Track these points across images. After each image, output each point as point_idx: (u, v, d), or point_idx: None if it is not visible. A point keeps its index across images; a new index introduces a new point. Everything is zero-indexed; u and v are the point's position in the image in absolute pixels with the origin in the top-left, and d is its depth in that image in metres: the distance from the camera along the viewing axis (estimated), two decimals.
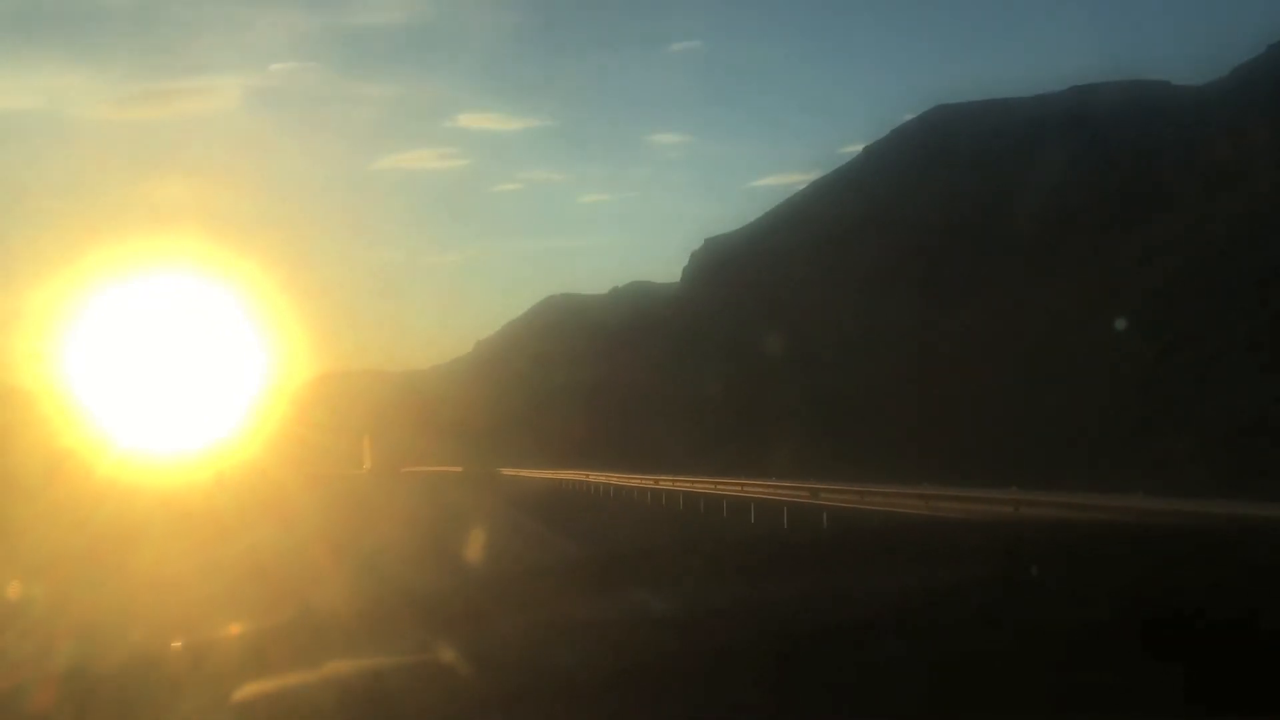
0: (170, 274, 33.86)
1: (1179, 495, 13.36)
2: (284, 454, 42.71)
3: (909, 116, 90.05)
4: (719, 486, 25.22)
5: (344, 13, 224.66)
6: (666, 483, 29.46)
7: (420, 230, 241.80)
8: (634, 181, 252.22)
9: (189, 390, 33.57)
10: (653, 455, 42.76)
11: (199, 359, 33.51)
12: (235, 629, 2.45)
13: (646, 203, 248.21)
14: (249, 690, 2.02)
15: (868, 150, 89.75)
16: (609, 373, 75.80)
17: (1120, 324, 35.95)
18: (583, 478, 38.15)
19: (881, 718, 1.90)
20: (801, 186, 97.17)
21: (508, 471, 49.77)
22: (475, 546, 17.27)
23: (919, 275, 56.15)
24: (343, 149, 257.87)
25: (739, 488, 24.01)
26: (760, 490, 22.67)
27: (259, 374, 38.26)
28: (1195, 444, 25.61)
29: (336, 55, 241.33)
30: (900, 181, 71.63)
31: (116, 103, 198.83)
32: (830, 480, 20.55)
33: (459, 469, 51.95)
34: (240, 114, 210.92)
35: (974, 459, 29.35)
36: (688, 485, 27.79)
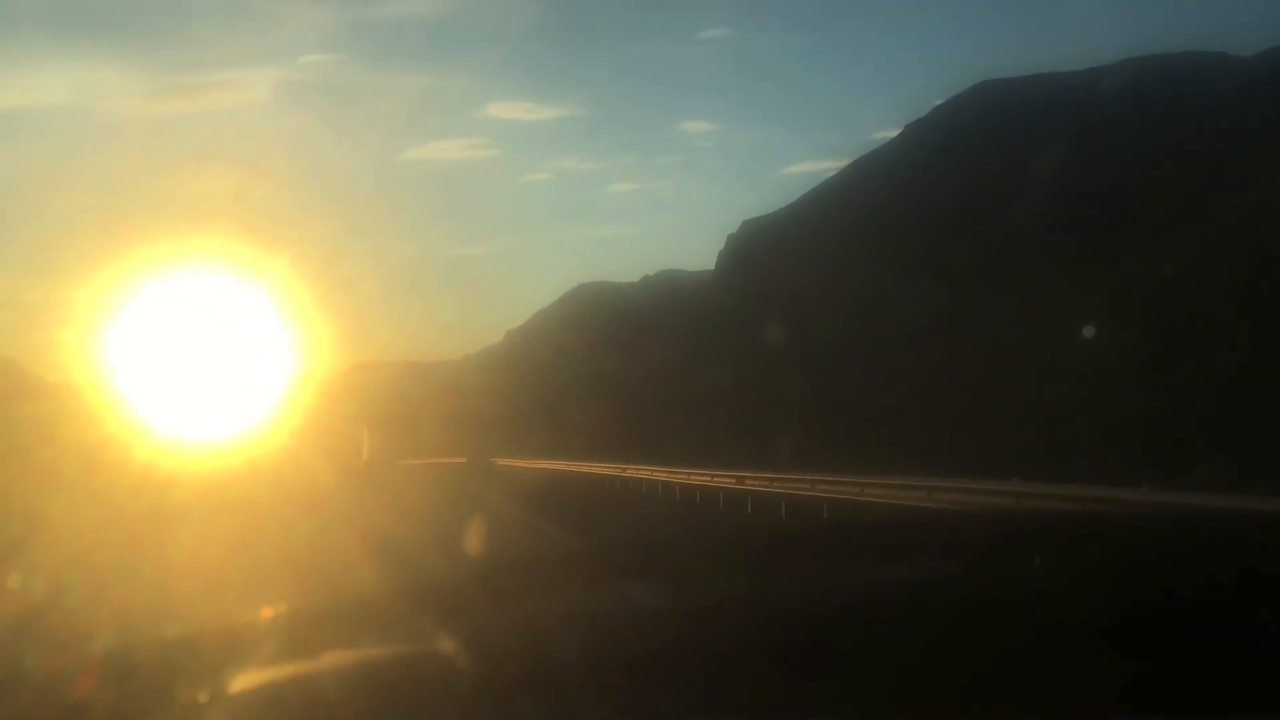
0: (203, 267, 34.25)
1: (1183, 490, 13.30)
2: (315, 444, 43.22)
3: (951, 94, 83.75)
4: (714, 479, 25.57)
5: (373, 4, 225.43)
6: (662, 474, 29.83)
7: (450, 221, 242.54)
8: (664, 170, 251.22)
9: (223, 380, 34.06)
10: (683, 446, 42.75)
11: (232, 350, 33.98)
12: (268, 612, 2.57)
13: (677, 191, 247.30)
14: (244, 680, 2.11)
15: (907, 130, 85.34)
16: (635, 362, 75.46)
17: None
18: (584, 469, 39.32)
19: (887, 706, 1.96)
20: (832, 173, 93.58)
21: (502, 462, 50.76)
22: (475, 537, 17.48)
23: (968, 259, 52.64)
24: (373, 141, 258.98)
25: (735, 480, 24.20)
26: (758, 484, 22.69)
27: (290, 365, 38.72)
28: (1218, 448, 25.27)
29: (365, 47, 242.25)
30: (945, 161, 66.79)
31: (148, 97, 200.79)
32: (879, 475, 20.03)
33: (462, 460, 52.90)
34: (270, 107, 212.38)
35: (1048, 451, 28.71)
36: (684, 477, 28.18)
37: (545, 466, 46.87)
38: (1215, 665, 2.00)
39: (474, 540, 15.88)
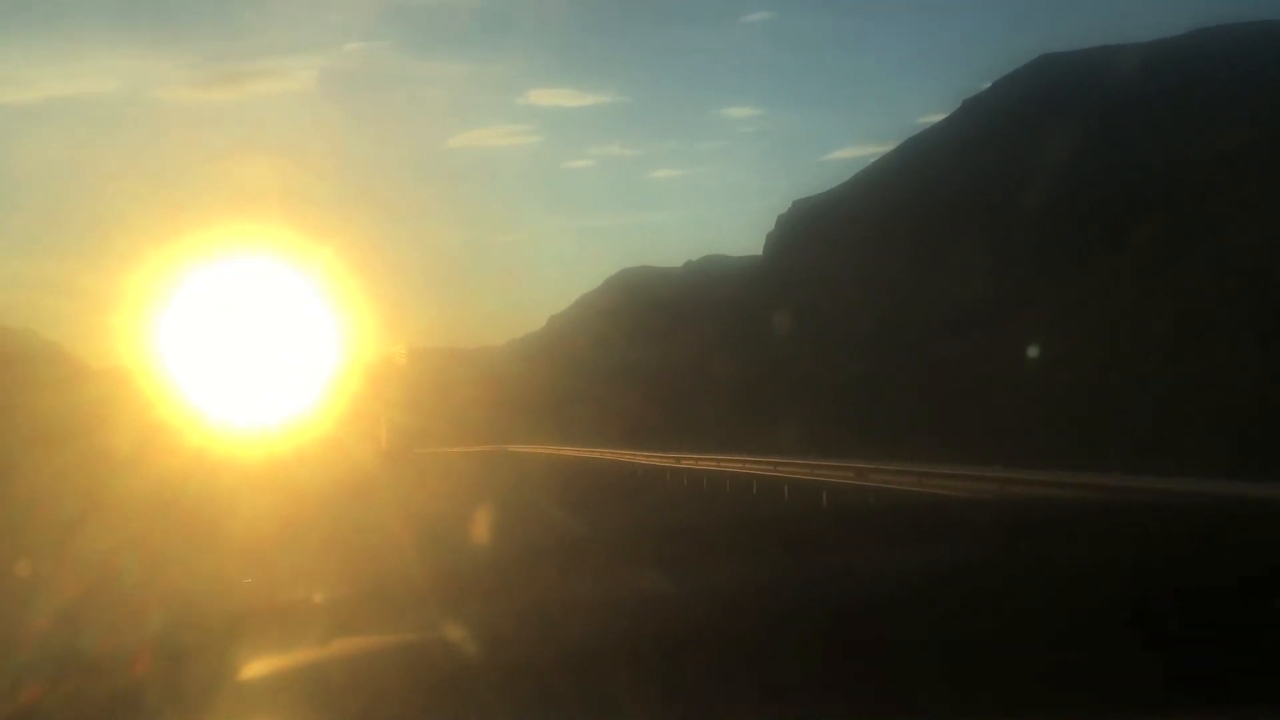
0: (251, 254, 34.81)
1: (1193, 476, 13.02)
2: (360, 430, 43.75)
3: (1009, 70, 77.81)
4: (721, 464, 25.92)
5: None
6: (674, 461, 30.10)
7: (492, 208, 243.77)
8: (706, 156, 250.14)
9: (269, 367, 34.60)
10: (728, 432, 42.48)
11: (279, 336, 34.48)
12: (318, 597, 2.61)
13: (719, 177, 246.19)
14: (255, 668, 2.14)
15: (965, 105, 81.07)
16: (677, 346, 75.14)
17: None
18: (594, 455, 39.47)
19: (902, 693, 1.97)
20: (876, 158, 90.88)
21: (529, 449, 51.42)
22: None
23: (1032, 239, 50.02)
24: (416, 128, 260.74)
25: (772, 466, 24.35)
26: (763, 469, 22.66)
27: (335, 351, 39.19)
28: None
29: (409, 34, 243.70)
30: (1004, 139, 62.92)
31: (195, 85, 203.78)
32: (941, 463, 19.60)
33: (486, 448, 53.53)
34: (315, 94, 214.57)
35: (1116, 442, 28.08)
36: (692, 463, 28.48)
37: (568, 454, 46.94)
38: (1225, 650, 1.98)
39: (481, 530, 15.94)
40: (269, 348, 33.96)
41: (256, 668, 2.18)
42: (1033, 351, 35.05)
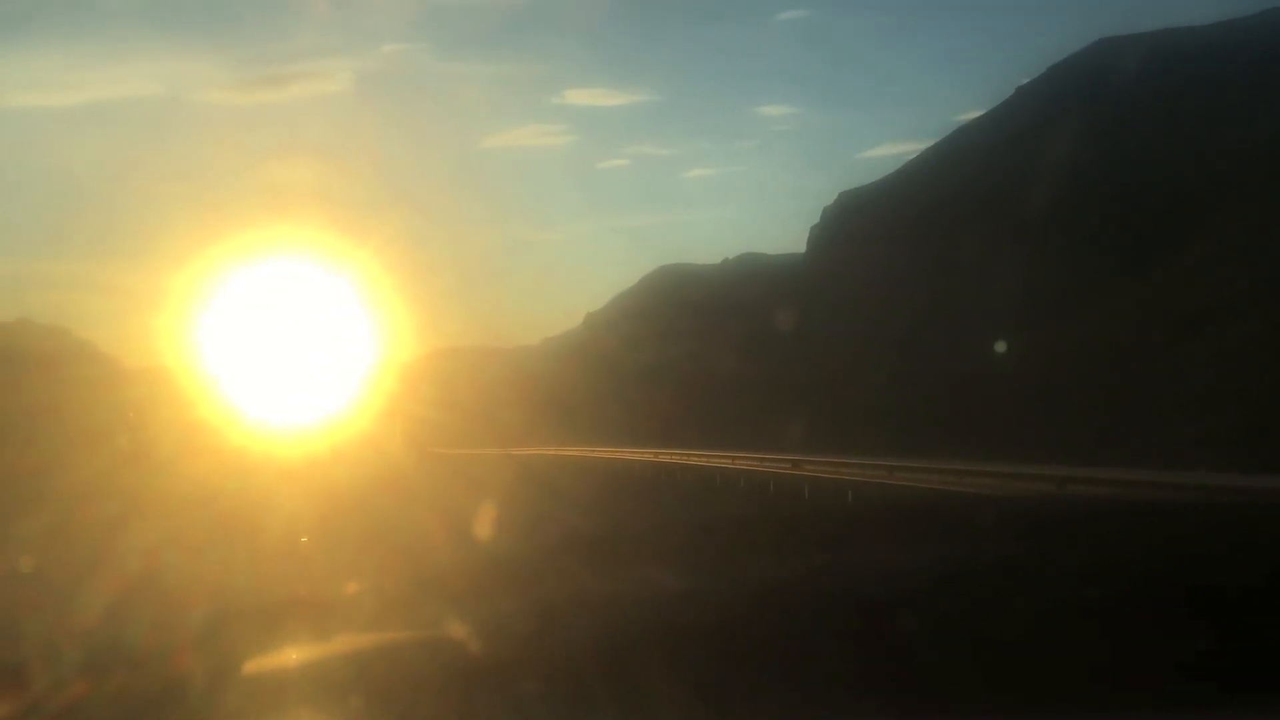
0: (290, 255, 35.27)
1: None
2: (394, 430, 44.07)
3: (1064, 55, 72.82)
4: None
5: None
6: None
7: (528, 207, 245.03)
8: (742, 155, 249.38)
9: (308, 366, 34.97)
10: (764, 432, 42.12)
11: (316, 336, 34.83)
12: (353, 587, 2.64)
13: (755, 176, 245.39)
14: (259, 664, 2.17)
15: (1018, 94, 75.37)
16: (714, 344, 74.63)
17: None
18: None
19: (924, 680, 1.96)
20: (914, 155, 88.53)
21: (517, 451, 51.09)
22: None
23: (1093, 232, 47.59)
24: (452, 128, 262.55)
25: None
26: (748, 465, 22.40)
27: (372, 351, 39.54)
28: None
29: (444, 35, 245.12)
30: (1063, 126, 58.38)
31: (234, 88, 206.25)
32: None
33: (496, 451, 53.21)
34: (352, 96, 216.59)
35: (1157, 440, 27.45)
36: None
37: (580, 455, 46.20)
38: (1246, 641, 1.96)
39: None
40: (306, 347, 34.37)
41: (295, 657, 2.20)
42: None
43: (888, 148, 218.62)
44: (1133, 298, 41.78)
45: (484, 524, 16.03)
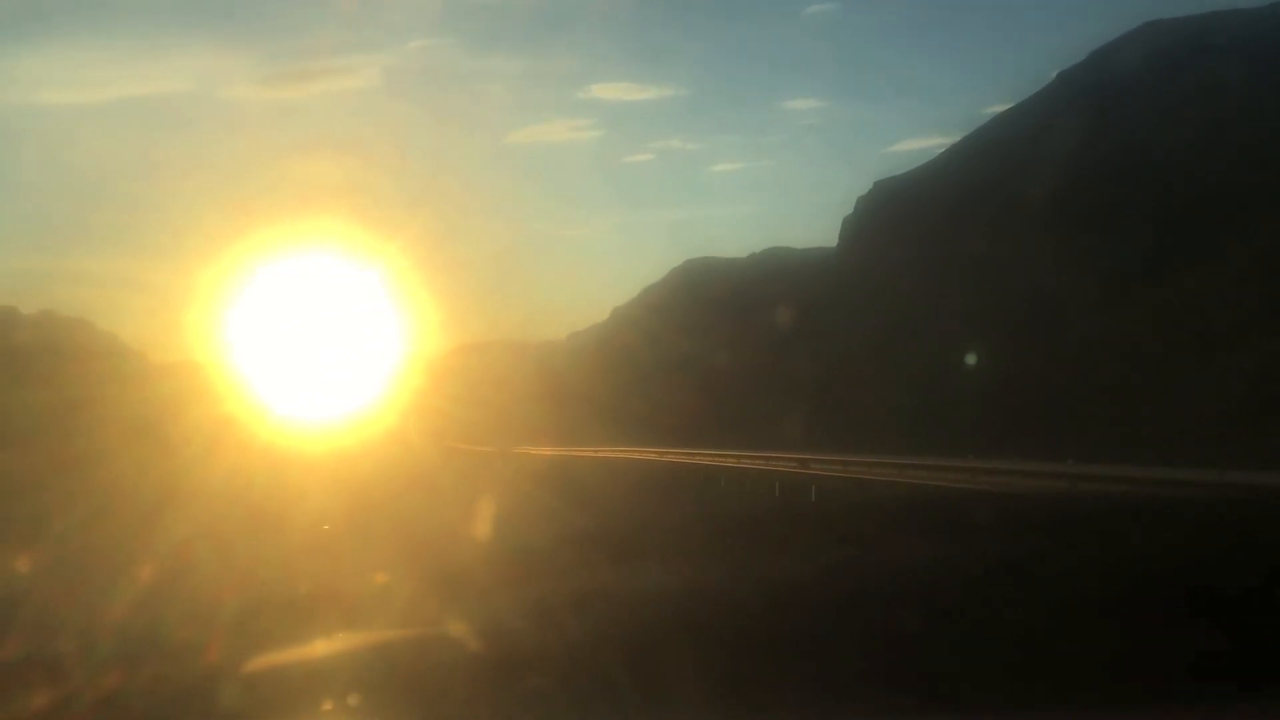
0: (317, 251, 35.59)
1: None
2: (421, 425, 44.31)
3: (1110, 38, 67.89)
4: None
5: None
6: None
7: (554, 202, 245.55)
8: (768, 149, 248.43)
9: (336, 361, 35.24)
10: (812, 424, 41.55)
11: (344, 331, 35.09)
12: (381, 578, 2.69)
13: (781, 170, 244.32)
14: (260, 662, 2.22)
15: (1060, 78, 68.61)
16: (741, 338, 74.11)
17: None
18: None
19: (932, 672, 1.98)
20: (942, 149, 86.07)
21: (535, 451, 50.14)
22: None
23: (1142, 219, 44.97)
24: (478, 124, 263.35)
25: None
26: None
27: (398, 347, 39.80)
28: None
29: (470, 30, 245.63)
30: (1111, 112, 56.20)
31: (261, 84, 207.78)
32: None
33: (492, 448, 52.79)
34: (379, 92, 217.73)
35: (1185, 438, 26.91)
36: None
37: (590, 454, 45.39)
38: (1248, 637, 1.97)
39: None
40: (333, 343, 34.64)
41: (323, 649, 2.26)
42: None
43: (914, 142, 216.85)
44: (1177, 288, 40.58)
45: (506, 519, 16.14)
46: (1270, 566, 2.33)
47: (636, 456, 39.07)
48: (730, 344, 73.36)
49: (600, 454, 43.35)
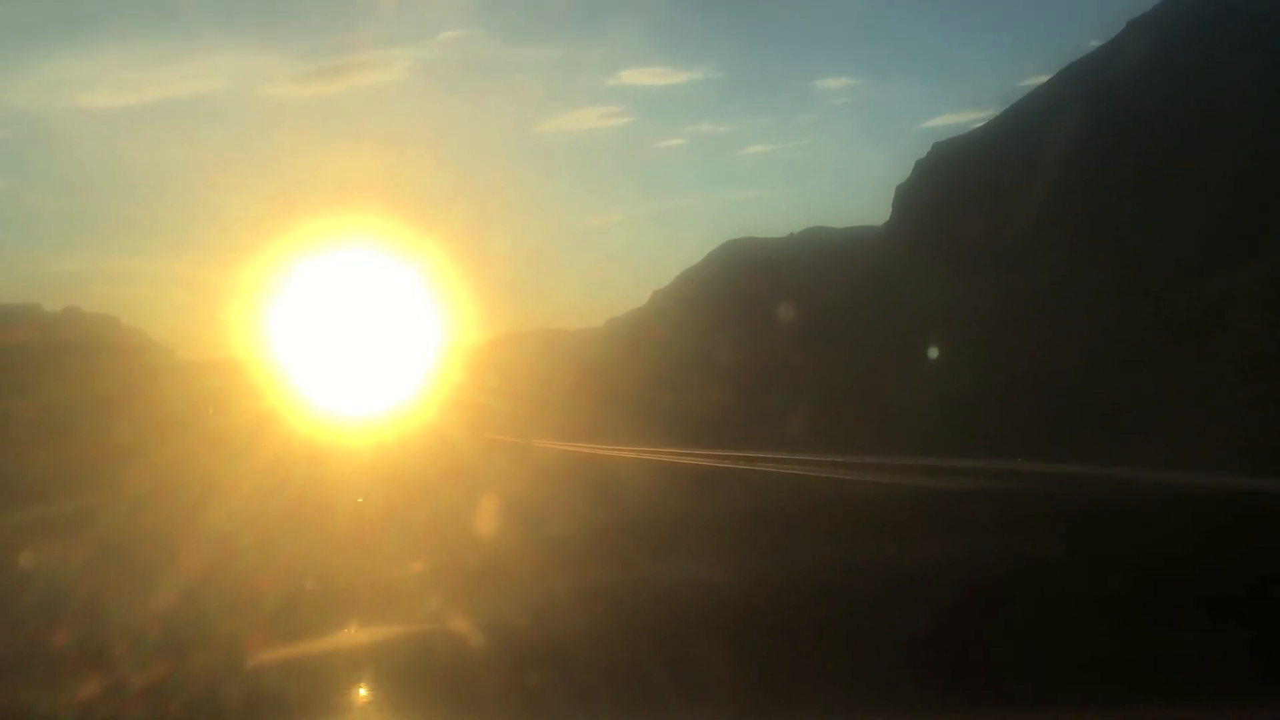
0: (355, 245, 35.96)
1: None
2: (459, 419, 44.57)
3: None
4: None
5: None
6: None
7: (587, 189, 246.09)
8: (801, 130, 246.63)
9: (375, 355, 35.56)
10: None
11: (383, 325, 35.39)
12: (418, 566, 2.72)
13: (815, 150, 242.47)
14: (263, 657, 2.26)
15: (1129, 28, 66.09)
16: (779, 323, 72.74)
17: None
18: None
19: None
20: (976, 124, 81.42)
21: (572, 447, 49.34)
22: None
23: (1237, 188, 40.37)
24: (510, 114, 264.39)
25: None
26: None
27: (437, 339, 40.06)
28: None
29: (500, 20, 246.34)
30: (1182, 68, 50.42)
31: (296, 80, 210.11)
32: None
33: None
34: (412, 85, 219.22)
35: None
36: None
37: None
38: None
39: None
40: (373, 336, 34.97)
41: (360, 639, 2.31)
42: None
43: (952, 116, 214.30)
44: (1227, 278, 38.92)
45: (542, 511, 16.23)
46: (1271, 567, 2.30)
47: (668, 459, 38.09)
48: (771, 326, 71.51)
49: (634, 454, 42.86)
